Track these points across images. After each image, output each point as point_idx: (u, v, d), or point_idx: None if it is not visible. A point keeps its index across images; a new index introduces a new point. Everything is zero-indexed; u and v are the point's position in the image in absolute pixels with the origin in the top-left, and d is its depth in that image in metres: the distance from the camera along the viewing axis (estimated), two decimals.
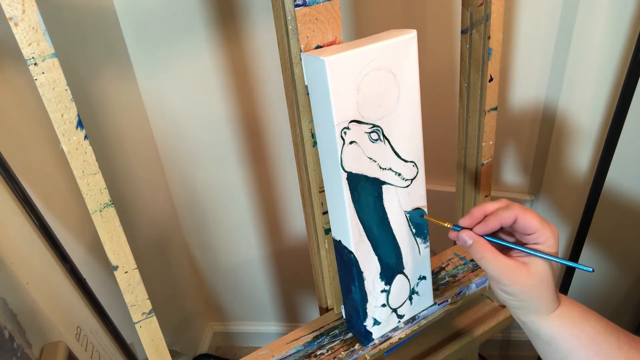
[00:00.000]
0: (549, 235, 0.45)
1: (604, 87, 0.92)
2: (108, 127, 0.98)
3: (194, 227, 1.29)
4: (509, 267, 0.45)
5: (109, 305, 0.91)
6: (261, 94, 1.05)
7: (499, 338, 1.38)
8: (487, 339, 0.71)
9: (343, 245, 0.55)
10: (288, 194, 1.21)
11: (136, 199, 1.09)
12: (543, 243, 0.46)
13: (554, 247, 0.46)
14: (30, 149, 0.79)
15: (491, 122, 0.66)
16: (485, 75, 0.63)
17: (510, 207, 0.47)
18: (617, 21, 0.85)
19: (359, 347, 0.61)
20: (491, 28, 0.59)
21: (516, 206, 0.47)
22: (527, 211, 0.46)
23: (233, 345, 1.58)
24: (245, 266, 1.36)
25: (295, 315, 1.50)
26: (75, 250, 0.87)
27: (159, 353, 0.54)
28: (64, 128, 0.41)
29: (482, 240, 0.47)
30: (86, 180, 0.43)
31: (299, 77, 0.49)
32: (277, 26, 0.49)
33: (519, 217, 0.46)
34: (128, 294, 0.49)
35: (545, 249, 0.45)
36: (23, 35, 0.37)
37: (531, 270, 0.45)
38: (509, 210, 0.46)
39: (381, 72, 0.47)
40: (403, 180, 0.54)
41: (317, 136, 0.51)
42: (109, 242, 0.46)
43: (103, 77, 0.96)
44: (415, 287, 0.61)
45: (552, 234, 0.46)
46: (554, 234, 0.46)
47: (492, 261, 0.46)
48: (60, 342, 0.75)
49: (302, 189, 0.59)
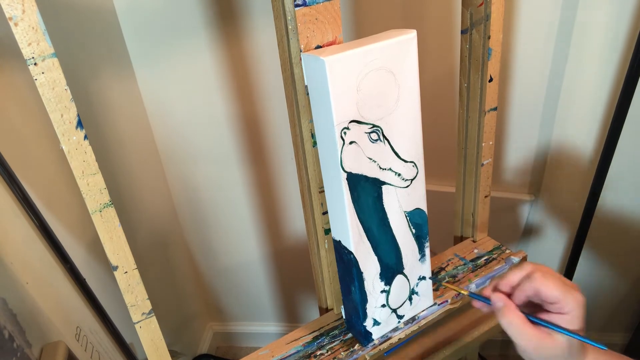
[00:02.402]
0: (573, 306, 0.45)
1: (604, 86, 0.92)
2: (108, 127, 0.98)
3: (194, 227, 1.29)
4: (535, 336, 0.45)
5: (109, 305, 0.91)
6: (261, 94, 1.05)
7: (499, 338, 1.38)
8: (487, 339, 0.71)
9: (343, 245, 0.55)
10: (288, 194, 1.21)
11: (136, 199, 1.09)
12: (567, 313, 0.45)
13: (579, 316, 0.45)
14: (30, 149, 0.79)
15: (491, 122, 0.66)
16: (485, 75, 0.62)
17: (532, 278, 0.46)
18: (617, 19, 0.85)
19: (359, 348, 0.61)
20: (491, 28, 0.59)
21: (537, 275, 0.46)
22: (548, 280, 0.45)
23: (233, 346, 1.58)
24: (245, 266, 1.36)
25: (295, 315, 1.49)
26: (75, 250, 0.87)
27: (159, 353, 0.54)
28: (63, 128, 0.41)
29: (511, 305, 0.47)
30: (86, 180, 0.43)
31: (299, 77, 0.49)
32: (277, 26, 0.49)
33: (540, 288, 0.45)
34: (128, 294, 0.49)
35: (569, 319, 0.45)
36: (23, 35, 0.37)
37: (555, 340, 0.45)
38: (531, 282, 0.46)
39: (381, 72, 0.47)
40: (403, 180, 0.54)
41: (317, 136, 0.51)
42: (109, 242, 0.46)
43: (103, 77, 0.96)
44: (415, 287, 0.61)
45: (576, 304, 0.45)
46: (579, 303, 0.45)
47: (519, 329, 0.46)
48: (60, 342, 0.75)
49: (302, 189, 0.59)
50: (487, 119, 0.66)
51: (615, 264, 1.16)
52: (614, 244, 1.12)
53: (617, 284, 1.19)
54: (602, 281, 1.19)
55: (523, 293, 0.47)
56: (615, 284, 1.19)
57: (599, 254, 1.15)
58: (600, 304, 1.24)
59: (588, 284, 1.20)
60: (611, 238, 1.11)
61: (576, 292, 0.45)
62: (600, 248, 1.13)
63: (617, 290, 1.20)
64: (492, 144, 0.68)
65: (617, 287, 1.20)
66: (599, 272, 1.18)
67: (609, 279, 1.19)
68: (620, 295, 1.21)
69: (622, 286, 1.19)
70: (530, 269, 0.47)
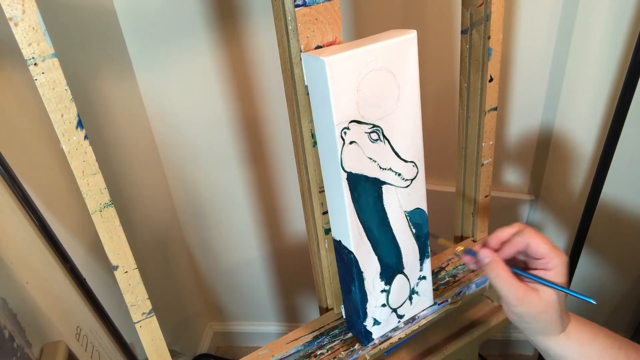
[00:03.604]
0: (558, 262, 0.47)
1: (604, 86, 0.92)
2: (108, 127, 0.98)
3: (194, 227, 1.29)
4: (520, 289, 0.46)
5: (109, 305, 0.91)
6: (261, 94, 1.05)
7: (499, 338, 1.38)
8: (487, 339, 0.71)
9: (343, 245, 0.55)
10: (288, 194, 1.21)
11: (136, 199, 1.09)
12: (552, 269, 0.47)
13: (563, 273, 0.47)
14: (30, 149, 0.79)
15: (491, 122, 0.66)
16: (485, 75, 0.63)
17: (522, 233, 0.48)
18: (618, 20, 0.85)
19: (359, 347, 0.61)
20: (491, 28, 0.59)
21: (528, 231, 0.48)
22: (538, 236, 0.47)
23: (233, 345, 1.58)
24: (245, 266, 1.36)
25: (295, 315, 1.50)
26: (75, 250, 0.87)
27: (159, 353, 0.54)
28: (64, 128, 0.41)
29: (498, 259, 0.49)
30: (86, 180, 0.43)
31: (299, 77, 0.49)
32: (277, 26, 0.49)
33: (530, 242, 0.47)
34: (128, 294, 0.49)
35: (553, 275, 0.47)
36: (23, 35, 0.37)
37: (540, 296, 0.47)
38: (521, 236, 0.48)
39: (381, 72, 0.47)
40: (403, 180, 0.54)
41: (317, 136, 0.51)
42: (109, 242, 0.46)
43: (103, 77, 0.96)
44: (415, 287, 0.61)
45: (561, 261, 0.47)
46: (563, 261, 0.47)
47: (505, 281, 0.47)
48: (60, 342, 0.75)
49: (302, 189, 0.59)
50: (487, 119, 0.66)
51: (616, 263, 1.16)
52: (614, 243, 1.12)
53: (617, 283, 1.19)
54: (602, 281, 1.19)
55: (513, 247, 0.49)
56: (616, 283, 1.19)
57: (599, 254, 1.15)
58: (600, 303, 1.24)
59: (588, 283, 1.20)
60: (611, 238, 1.11)
61: (561, 251, 0.47)
62: (600, 248, 1.13)
63: (617, 289, 1.21)
64: (492, 143, 0.68)
65: (618, 286, 1.20)
66: (599, 272, 1.18)
67: (609, 278, 1.19)
68: (621, 295, 1.21)
69: (623, 286, 1.19)
70: (519, 227, 0.50)
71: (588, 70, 0.91)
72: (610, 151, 0.89)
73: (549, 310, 0.46)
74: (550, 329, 0.47)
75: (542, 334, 0.48)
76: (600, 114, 0.95)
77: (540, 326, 0.47)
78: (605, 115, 0.94)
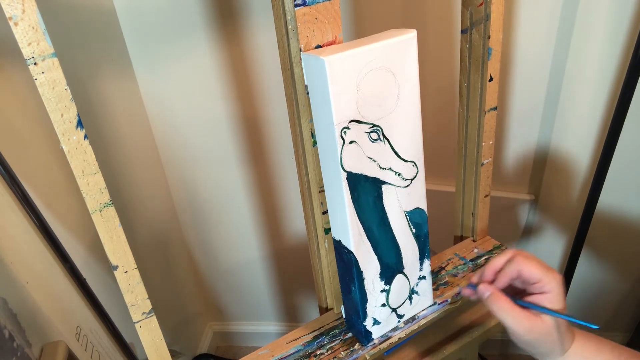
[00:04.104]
0: (553, 285, 0.47)
1: (604, 86, 0.92)
2: (108, 127, 0.98)
3: (194, 227, 1.29)
4: (525, 319, 0.47)
5: (109, 305, 0.91)
6: (261, 93, 1.05)
7: (498, 338, 1.38)
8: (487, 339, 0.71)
9: (343, 245, 0.55)
10: (288, 194, 1.21)
11: (136, 198, 1.09)
12: (548, 292, 0.48)
13: (560, 294, 0.48)
14: (30, 149, 0.79)
15: (491, 122, 0.66)
16: (485, 75, 0.63)
17: (513, 261, 0.49)
18: (618, 20, 0.85)
19: (359, 347, 0.61)
20: (491, 28, 0.59)
21: (518, 258, 0.49)
22: (529, 261, 0.48)
23: (233, 345, 1.58)
24: (245, 266, 1.36)
25: (295, 315, 1.50)
26: (75, 250, 0.87)
27: (159, 353, 0.54)
28: (63, 128, 0.41)
29: (497, 292, 0.49)
30: (86, 180, 0.43)
31: (299, 77, 0.49)
32: (277, 26, 0.49)
33: (522, 268, 0.48)
34: (128, 294, 0.49)
35: (551, 297, 0.47)
36: (23, 35, 0.37)
37: (544, 320, 0.47)
38: (512, 264, 0.49)
39: (381, 71, 0.47)
40: (403, 180, 0.54)
41: (317, 136, 0.51)
42: (109, 242, 0.46)
43: (103, 77, 0.96)
44: (415, 286, 0.61)
45: (556, 283, 0.48)
46: (557, 282, 0.48)
47: (508, 313, 0.48)
48: (60, 342, 0.75)
49: (302, 188, 0.59)
50: (487, 119, 0.66)
51: (615, 263, 1.16)
52: (613, 243, 1.12)
53: (617, 283, 1.19)
54: (602, 281, 1.19)
55: (506, 276, 0.49)
56: (615, 283, 1.19)
57: (598, 254, 1.15)
58: (600, 304, 1.24)
59: (588, 283, 1.20)
60: (611, 238, 1.11)
61: (555, 272, 0.48)
62: (600, 248, 1.13)
63: (617, 290, 1.20)
64: (492, 143, 0.68)
65: (617, 287, 1.20)
66: (599, 272, 1.18)
67: (608, 278, 1.19)
68: (620, 295, 1.21)
69: (622, 286, 1.19)
70: (511, 254, 0.50)
71: (588, 71, 0.91)
72: (610, 151, 0.89)
73: (554, 331, 0.47)
74: (556, 349, 0.48)
75: (551, 355, 0.49)
76: (600, 114, 0.95)
77: (547, 348, 0.48)
78: (605, 115, 0.94)
